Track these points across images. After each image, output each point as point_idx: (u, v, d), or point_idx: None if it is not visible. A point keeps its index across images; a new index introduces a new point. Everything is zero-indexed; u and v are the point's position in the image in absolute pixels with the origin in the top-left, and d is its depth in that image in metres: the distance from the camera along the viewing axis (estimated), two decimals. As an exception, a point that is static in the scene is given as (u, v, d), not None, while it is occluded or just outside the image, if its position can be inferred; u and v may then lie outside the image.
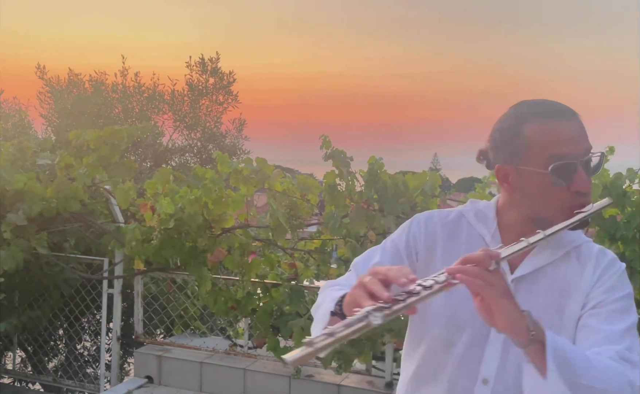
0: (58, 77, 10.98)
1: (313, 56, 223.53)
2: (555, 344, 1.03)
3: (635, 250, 2.85)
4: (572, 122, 1.18)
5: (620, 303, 1.17)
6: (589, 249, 1.24)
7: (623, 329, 1.14)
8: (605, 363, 1.08)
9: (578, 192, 1.16)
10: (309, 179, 3.65)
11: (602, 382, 1.04)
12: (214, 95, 11.27)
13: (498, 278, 1.02)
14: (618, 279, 1.20)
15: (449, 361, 1.24)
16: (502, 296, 1.02)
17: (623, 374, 1.07)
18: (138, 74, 11.02)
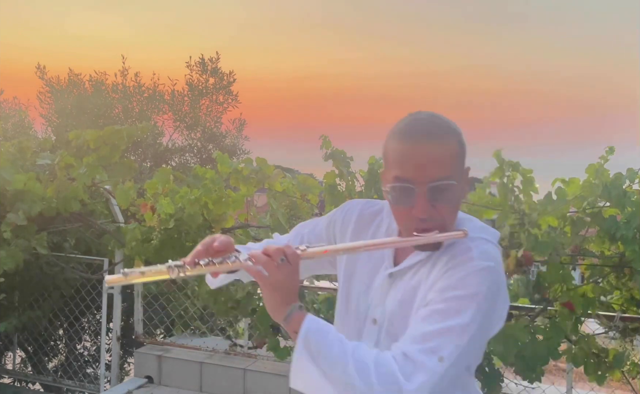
0: (58, 77, 10.99)
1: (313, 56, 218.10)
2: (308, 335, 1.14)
3: (635, 250, 2.84)
4: (424, 147, 1.17)
5: (447, 303, 1.14)
6: (457, 247, 1.21)
7: (434, 330, 1.12)
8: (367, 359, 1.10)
9: (417, 218, 1.18)
10: (309, 179, 3.65)
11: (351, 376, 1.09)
12: (214, 96, 11.26)
13: (276, 271, 1.17)
14: (459, 280, 1.15)
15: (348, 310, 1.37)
16: (268, 287, 1.18)
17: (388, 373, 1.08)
18: (138, 74, 11.03)
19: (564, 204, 3.01)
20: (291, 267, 1.18)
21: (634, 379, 3.28)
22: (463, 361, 1.13)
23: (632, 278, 3.01)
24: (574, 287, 3.04)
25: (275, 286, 1.18)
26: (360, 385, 1.08)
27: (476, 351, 1.17)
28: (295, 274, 1.20)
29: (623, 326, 3.29)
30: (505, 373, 3.19)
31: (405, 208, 1.19)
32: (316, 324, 1.16)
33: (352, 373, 1.09)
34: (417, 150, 1.17)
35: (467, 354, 1.13)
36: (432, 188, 1.16)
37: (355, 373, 1.09)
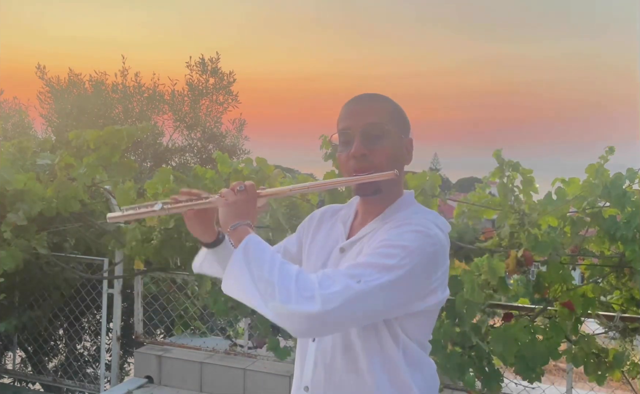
0: (58, 77, 10.99)
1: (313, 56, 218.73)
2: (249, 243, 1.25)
3: (635, 250, 2.84)
4: (359, 103, 1.38)
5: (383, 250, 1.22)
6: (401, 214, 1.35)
7: (361, 261, 1.21)
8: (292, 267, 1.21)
9: (354, 156, 1.33)
10: (309, 179, 3.65)
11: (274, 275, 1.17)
12: (214, 96, 11.26)
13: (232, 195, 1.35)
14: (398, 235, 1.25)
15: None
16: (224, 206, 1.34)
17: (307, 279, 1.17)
18: (138, 74, 11.03)
19: (564, 204, 3.01)
20: (247, 195, 1.37)
21: (634, 379, 3.28)
22: (381, 298, 1.19)
23: (632, 278, 3.01)
24: (574, 287, 3.04)
25: (230, 205, 1.34)
26: (280, 288, 1.16)
27: (398, 299, 1.22)
28: (251, 202, 1.38)
29: (623, 326, 3.29)
30: (505, 373, 3.19)
31: (345, 153, 1.35)
32: (258, 239, 1.27)
33: (275, 279, 1.17)
34: (354, 105, 1.38)
35: (387, 294, 1.19)
36: (364, 131, 1.33)
37: (279, 278, 1.17)
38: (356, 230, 1.43)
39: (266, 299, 1.16)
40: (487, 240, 3.21)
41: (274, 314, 1.16)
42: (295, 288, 1.15)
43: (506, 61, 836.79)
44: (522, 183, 3.14)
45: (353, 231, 1.44)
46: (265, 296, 1.17)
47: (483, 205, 3.23)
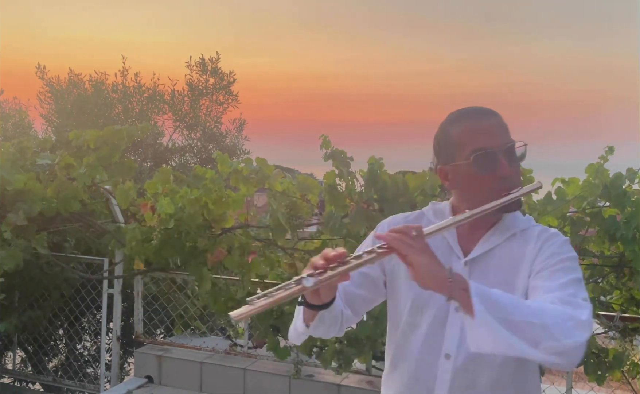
0: (58, 77, 10.97)
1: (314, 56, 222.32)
2: (479, 290, 1.14)
3: (635, 250, 2.85)
4: (490, 119, 1.35)
5: (562, 264, 1.28)
6: (533, 230, 1.38)
7: (564, 281, 1.24)
8: (540, 303, 1.19)
9: (502, 178, 1.31)
10: (309, 179, 3.65)
11: (537, 317, 1.13)
12: (214, 96, 11.25)
13: (417, 240, 1.19)
14: (559, 247, 1.32)
15: (415, 340, 1.40)
16: (420, 253, 1.18)
17: (562, 311, 1.16)
18: (138, 74, 11.02)
19: (564, 204, 3.01)
20: (424, 239, 1.21)
21: (634, 379, 3.28)
22: None
23: (632, 278, 3.01)
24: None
25: (425, 252, 1.19)
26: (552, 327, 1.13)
27: None
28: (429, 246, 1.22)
29: (623, 326, 3.29)
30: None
31: (489, 175, 1.31)
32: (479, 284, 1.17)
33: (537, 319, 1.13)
34: (488, 122, 1.35)
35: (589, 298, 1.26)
36: (508, 150, 1.33)
37: (540, 317, 1.14)
38: (468, 243, 1.39)
39: (536, 342, 1.13)
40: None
41: (548, 354, 1.13)
42: (562, 322, 1.14)
43: (506, 61, 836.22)
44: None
45: (465, 244, 1.40)
46: (533, 339, 1.13)
47: (483, 205, 3.23)
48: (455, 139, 1.36)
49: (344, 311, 1.43)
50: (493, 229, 1.38)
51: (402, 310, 1.43)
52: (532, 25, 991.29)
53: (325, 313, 1.33)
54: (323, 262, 1.20)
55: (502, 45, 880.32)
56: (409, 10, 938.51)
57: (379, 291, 1.49)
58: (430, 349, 1.36)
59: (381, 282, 1.48)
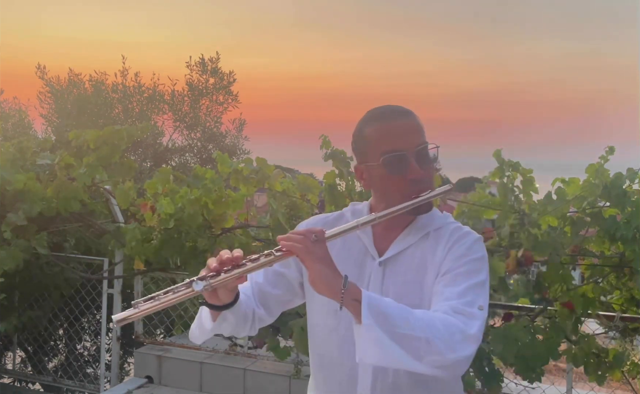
0: (58, 77, 10.99)
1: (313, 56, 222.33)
2: (370, 301, 1.15)
3: (635, 250, 2.84)
4: (403, 121, 1.34)
5: (467, 266, 1.30)
6: (447, 229, 1.38)
7: (464, 288, 1.26)
8: (429, 315, 1.20)
9: (413, 180, 1.31)
10: (309, 179, 3.65)
11: (421, 330, 1.15)
12: (214, 96, 11.26)
13: (317, 247, 1.19)
14: (467, 248, 1.32)
15: (333, 345, 1.39)
16: (317, 261, 1.17)
17: (451, 323, 1.18)
18: (138, 74, 11.03)
19: (564, 204, 3.01)
20: (324, 244, 1.22)
21: (634, 379, 3.28)
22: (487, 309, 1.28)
23: (632, 278, 3.01)
24: (574, 287, 3.04)
25: (322, 259, 1.19)
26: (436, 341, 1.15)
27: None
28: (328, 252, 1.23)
29: (623, 326, 3.29)
30: (505, 373, 3.19)
31: (399, 176, 1.31)
32: (373, 294, 1.19)
33: (425, 334, 1.15)
34: (400, 124, 1.34)
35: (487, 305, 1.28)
36: (418, 152, 1.32)
37: (429, 331, 1.15)
38: (384, 243, 1.39)
39: (420, 356, 1.14)
40: (487, 240, 3.21)
41: (432, 367, 1.16)
42: (448, 336, 1.16)
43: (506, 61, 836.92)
44: (522, 183, 3.14)
45: (380, 244, 1.40)
46: (417, 353, 1.14)
47: (483, 205, 3.23)
48: (368, 139, 1.36)
49: (256, 311, 1.43)
50: (408, 229, 1.38)
51: (318, 313, 1.42)
52: (532, 25, 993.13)
53: (227, 313, 1.33)
54: (216, 265, 1.19)
55: (502, 45, 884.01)
56: (409, 11, 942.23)
57: (295, 292, 1.48)
58: (349, 352, 1.32)
59: (297, 283, 1.47)
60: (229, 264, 1.20)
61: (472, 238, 1.34)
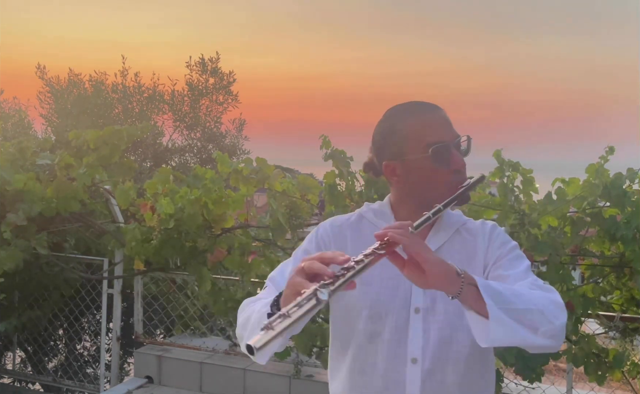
0: (58, 77, 10.98)
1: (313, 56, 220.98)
2: (484, 283, 1.13)
3: (635, 250, 2.84)
4: (438, 113, 1.35)
5: (514, 252, 1.35)
6: (473, 223, 1.42)
7: (524, 269, 1.30)
8: (527, 289, 1.21)
9: (457, 171, 1.32)
10: (309, 179, 3.65)
11: (534, 304, 1.16)
12: (214, 95, 11.26)
13: (418, 238, 1.13)
14: (504, 236, 1.38)
15: (377, 351, 1.32)
16: (428, 250, 1.10)
17: (543, 295, 1.20)
18: (138, 74, 11.02)
19: (564, 204, 3.01)
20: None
21: (634, 379, 3.28)
22: None
23: (632, 278, 3.01)
24: (574, 287, 3.04)
25: (429, 249, 1.12)
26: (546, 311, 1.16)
27: None
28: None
29: (623, 326, 3.29)
30: (505, 373, 3.19)
31: (444, 169, 1.31)
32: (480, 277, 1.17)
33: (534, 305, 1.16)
34: (437, 116, 1.34)
35: None
36: (457, 143, 1.33)
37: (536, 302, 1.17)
38: None
39: (535, 328, 1.15)
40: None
41: (546, 337, 1.16)
42: (550, 305, 1.18)
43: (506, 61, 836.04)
44: (522, 183, 3.14)
45: None
46: (533, 326, 1.15)
47: (483, 205, 3.23)
48: (406, 133, 1.33)
49: None
50: (436, 227, 1.37)
51: (355, 320, 1.34)
52: (533, 25, 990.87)
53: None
54: (331, 271, 1.06)
55: (502, 45, 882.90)
56: (410, 11, 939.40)
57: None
58: (395, 356, 1.29)
59: None
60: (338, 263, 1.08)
61: (499, 228, 1.40)
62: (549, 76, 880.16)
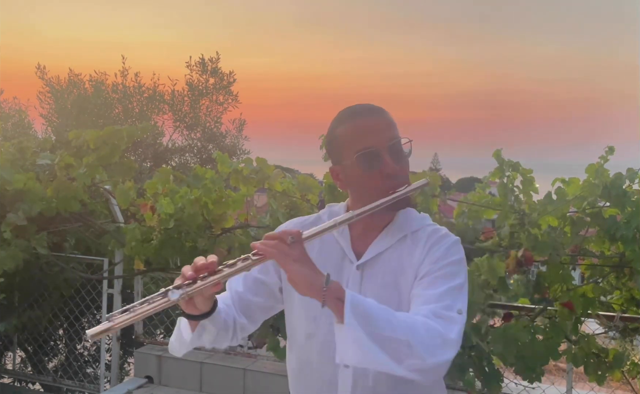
0: (58, 77, 11.00)
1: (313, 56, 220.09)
2: (354, 301, 1.12)
3: (635, 250, 2.84)
4: (373, 118, 1.33)
5: (445, 269, 1.29)
6: (425, 232, 1.37)
7: (443, 291, 1.25)
8: (411, 318, 1.18)
9: (388, 175, 1.31)
10: (309, 179, 3.65)
11: (403, 333, 1.13)
12: (214, 96, 11.27)
13: (293, 248, 1.16)
14: (446, 251, 1.32)
15: (312, 350, 1.37)
16: (295, 262, 1.14)
17: (431, 327, 1.16)
18: (138, 74, 11.04)
19: (564, 204, 3.01)
20: (302, 245, 1.19)
21: (634, 379, 3.28)
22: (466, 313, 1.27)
23: (632, 278, 3.01)
24: (574, 287, 3.04)
25: (300, 259, 1.16)
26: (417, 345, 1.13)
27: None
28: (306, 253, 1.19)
29: (623, 326, 3.29)
30: (505, 373, 3.19)
31: (374, 172, 1.30)
32: (357, 295, 1.16)
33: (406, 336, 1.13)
34: (370, 121, 1.33)
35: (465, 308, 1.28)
36: (391, 147, 1.31)
37: (411, 334, 1.14)
38: (361, 246, 1.37)
39: (400, 359, 1.13)
40: (487, 240, 3.21)
41: (410, 370, 1.14)
42: (429, 340, 1.14)
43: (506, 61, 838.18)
44: (522, 183, 3.13)
45: (358, 247, 1.38)
46: (397, 356, 1.13)
47: (483, 205, 3.23)
48: (340, 140, 1.35)
49: (237, 320, 1.41)
50: (385, 231, 1.37)
51: (297, 318, 1.40)
52: (532, 24, 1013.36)
53: (206, 322, 1.31)
54: (192, 273, 1.16)
55: (502, 45, 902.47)
56: (409, 10, 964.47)
57: (276, 298, 1.46)
58: (328, 358, 1.30)
59: (277, 288, 1.44)
60: (204, 271, 1.17)
61: (450, 240, 1.34)
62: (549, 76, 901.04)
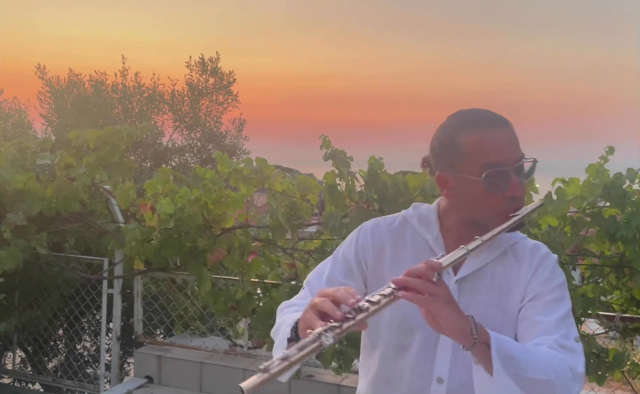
0: (58, 77, 10.97)
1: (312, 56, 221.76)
2: (499, 344, 1.09)
3: (635, 250, 2.84)
4: (503, 131, 1.25)
5: (555, 292, 1.26)
6: (524, 246, 1.32)
7: (558, 318, 1.22)
8: (546, 354, 1.15)
9: (512, 197, 1.24)
10: (309, 179, 3.65)
11: (545, 373, 1.11)
12: (214, 95, 11.26)
13: (440, 288, 1.08)
14: (552, 271, 1.28)
15: (404, 364, 1.31)
16: (445, 306, 1.07)
17: (563, 361, 1.15)
18: (138, 74, 11.02)
19: (564, 204, 3.01)
20: (444, 283, 1.11)
21: (634, 379, 3.28)
22: None
23: (632, 278, 3.01)
24: (574, 288, 3.04)
25: (449, 302, 1.08)
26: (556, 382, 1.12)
27: None
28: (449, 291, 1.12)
29: (623, 326, 3.29)
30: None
31: (498, 193, 1.23)
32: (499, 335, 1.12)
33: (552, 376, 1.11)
34: (500, 135, 1.24)
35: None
36: (519, 167, 1.24)
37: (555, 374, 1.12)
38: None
39: None
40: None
41: None
42: (563, 375, 1.13)
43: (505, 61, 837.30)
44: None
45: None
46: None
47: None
48: (464, 148, 1.24)
49: None
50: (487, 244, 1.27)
51: (384, 330, 1.34)
52: (532, 24, 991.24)
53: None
54: (340, 314, 1.05)
55: (502, 45, 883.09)
56: (409, 10, 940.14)
57: None
58: (421, 373, 1.28)
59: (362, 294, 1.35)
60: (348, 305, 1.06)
61: (553, 260, 1.31)
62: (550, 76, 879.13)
